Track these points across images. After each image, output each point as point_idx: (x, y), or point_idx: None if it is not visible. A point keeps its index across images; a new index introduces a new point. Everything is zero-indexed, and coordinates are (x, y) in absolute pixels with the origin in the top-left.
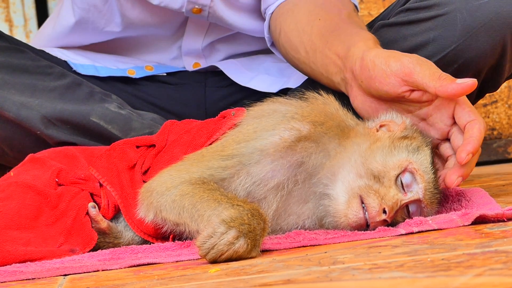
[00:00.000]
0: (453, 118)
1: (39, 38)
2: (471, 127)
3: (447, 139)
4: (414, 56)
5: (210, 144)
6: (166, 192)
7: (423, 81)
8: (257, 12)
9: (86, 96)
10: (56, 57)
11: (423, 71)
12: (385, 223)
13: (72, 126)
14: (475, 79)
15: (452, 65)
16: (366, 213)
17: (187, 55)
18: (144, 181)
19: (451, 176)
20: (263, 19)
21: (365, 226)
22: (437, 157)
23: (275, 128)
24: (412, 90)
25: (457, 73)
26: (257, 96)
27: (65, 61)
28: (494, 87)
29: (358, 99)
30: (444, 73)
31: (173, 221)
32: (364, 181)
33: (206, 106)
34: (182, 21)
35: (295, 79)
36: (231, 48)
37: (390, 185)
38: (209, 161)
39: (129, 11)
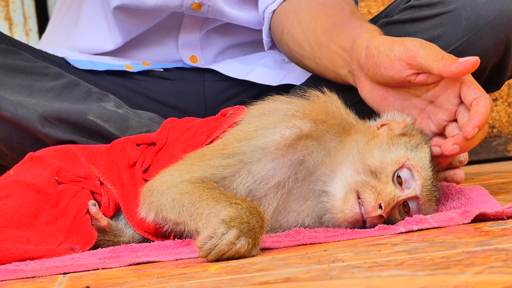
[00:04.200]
0: (460, 97)
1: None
2: (477, 103)
3: (454, 120)
4: (417, 40)
5: (211, 142)
6: (167, 191)
7: (427, 63)
8: (255, 3)
9: (83, 96)
10: (54, 55)
11: (426, 53)
12: (381, 219)
13: (69, 125)
14: (477, 57)
15: None
16: (362, 208)
17: (183, 48)
18: (145, 179)
19: (447, 143)
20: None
21: (362, 222)
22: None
23: (276, 126)
24: (417, 73)
25: None
26: (258, 90)
27: (62, 58)
28: (497, 86)
29: (365, 89)
30: (447, 53)
31: (173, 220)
32: (361, 177)
33: (206, 100)
34: (178, 16)
35: (296, 75)
36: (227, 39)
37: (387, 181)
38: (210, 159)
39: (124, 23)
